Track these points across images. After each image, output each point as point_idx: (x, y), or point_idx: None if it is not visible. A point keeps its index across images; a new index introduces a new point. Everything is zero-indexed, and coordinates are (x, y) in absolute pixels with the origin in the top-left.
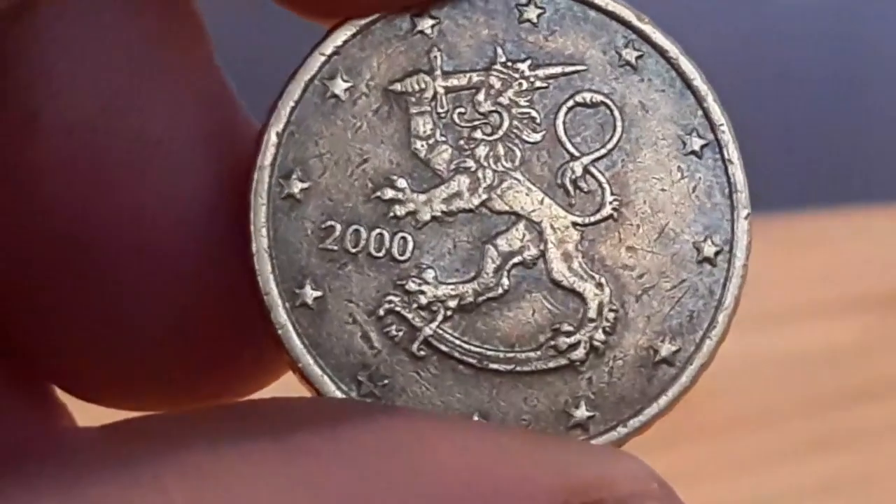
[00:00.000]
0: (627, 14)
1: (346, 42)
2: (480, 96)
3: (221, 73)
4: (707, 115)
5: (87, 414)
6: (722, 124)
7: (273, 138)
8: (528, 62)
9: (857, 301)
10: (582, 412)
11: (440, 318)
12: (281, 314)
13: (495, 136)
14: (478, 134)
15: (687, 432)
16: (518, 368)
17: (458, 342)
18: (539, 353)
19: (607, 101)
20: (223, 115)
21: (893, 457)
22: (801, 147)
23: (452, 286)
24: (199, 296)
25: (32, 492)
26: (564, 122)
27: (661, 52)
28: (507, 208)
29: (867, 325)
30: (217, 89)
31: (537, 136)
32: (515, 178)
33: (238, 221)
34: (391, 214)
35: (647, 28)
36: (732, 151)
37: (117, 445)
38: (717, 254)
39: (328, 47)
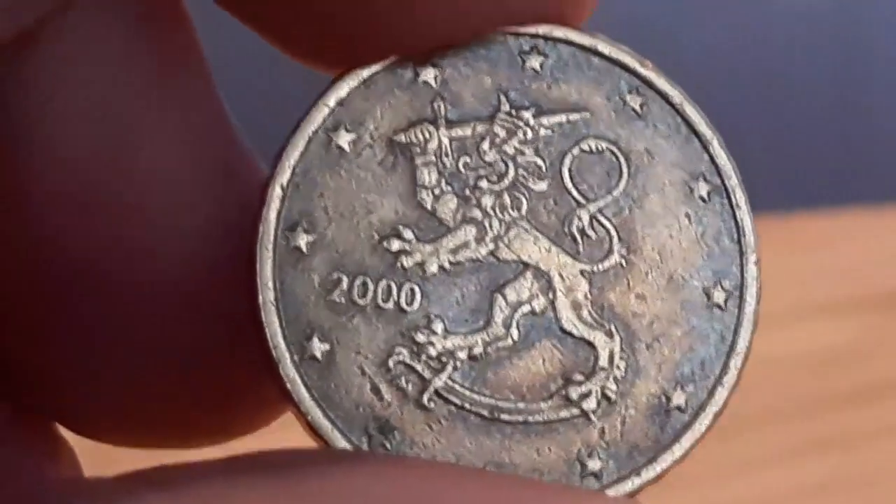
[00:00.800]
0: (630, 61)
1: (349, 93)
2: (485, 145)
3: (223, 106)
4: (713, 160)
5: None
6: (728, 169)
7: (278, 191)
8: (533, 110)
9: (856, 301)
10: (595, 462)
11: (450, 369)
12: (289, 367)
13: (501, 186)
14: (483, 183)
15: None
16: (529, 419)
17: (468, 393)
18: (550, 403)
19: (613, 148)
20: (223, 150)
21: (893, 457)
22: (802, 147)
23: (462, 337)
24: (199, 331)
25: None
26: (570, 170)
27: (665, 98)
28: (514, 257)
29: (867, 326)
30: (218, 124)
31: (543, 185)
32: (522, 227)
33: (244, 274)
34: (398, 265)
35: (651, 74)
36: (739, 196)
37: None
38: (727, 300)
39: (331, 98)
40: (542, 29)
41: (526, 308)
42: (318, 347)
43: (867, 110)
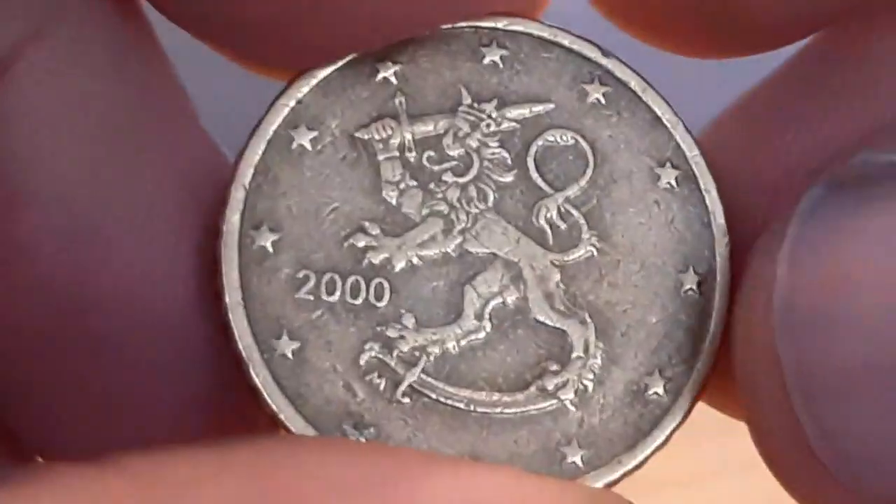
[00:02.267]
0: (591, 50)
1: (308, 91)
2: (448, 139)
3: (207, 135)
4: (679, 145)
5: None
6: (695, 154)
7: (240, 191)
8: (495, 102)
9: None
10: (575, 451)
11: (423, 363)
12: (259, 366)
13: (466, 178)
14: (448, 177)
15: (687, 433)
16: (506, 411)
17: (443, 387)
18: (527, 393)
19: (577, 138)
20: (211, 179)
21: None
22: None
23: (433, 331)
24: (195, 367)
25: None
26: (536, 161)
27: (627, 86)
28: (483, 249)
29: None
30: (203, 153)
31: (509, 176)
32: (490, 219)
33: (211, 276)
34: (366, 261)
35: (612, 63)
36: (707, 181)
37: None
38: (700, 284)
39: (290, 98)
40: (501, 22)
41: (498, 300)
42: (288, 345)
43: None
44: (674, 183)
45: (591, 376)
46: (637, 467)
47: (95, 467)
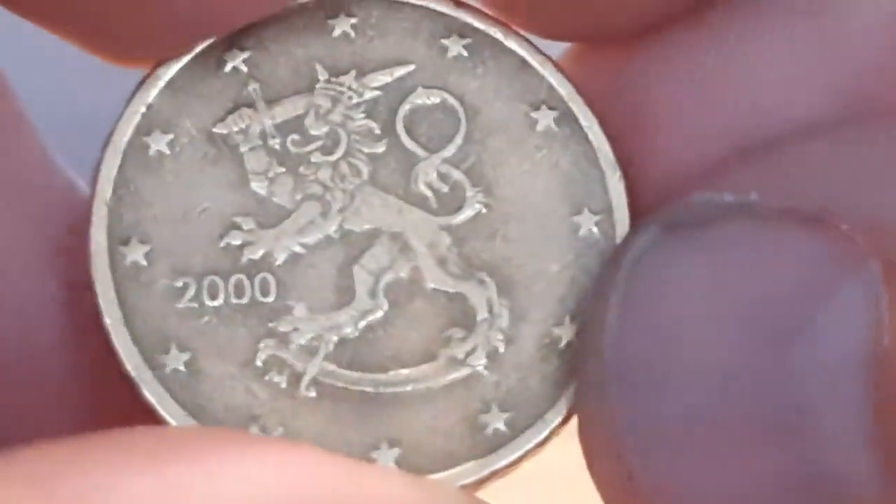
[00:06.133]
0: (444, 5)
1: (157, 94)
2: (310, 119)
3: (49, 155)
4: (552, 86)
5: None
6: (570, 91)
7: (102, 208)
8: (353, 73)
9: None
10: (496, 415)
11: (322, 353)
12: (151, 384)
13: (336, 156)
14: (317, 157)
15: None
16: (418, 386)
17: (347, 373)
18: (435, 365)
19: (444, 95)
20: (62, 203)
21: None
22: None
23: (327, 317)
24: (81, 397)
25: None
26: (406, 126)
27: (488, 35)
28: (366, 226)
29: None
30: (48, 175)
31: (381, 146)
32: (367, 193)
33: (87, 298)
34: (245, 259)
35: (468, 13)
36: (587, 116)
37: None
38: (598, 223)
39: (139, 104)
40: None
41: (389, 275)
42: (179, 358)
43: None
44: (552, 125)
45: (500, 336)
46: (563, 423)
47: None
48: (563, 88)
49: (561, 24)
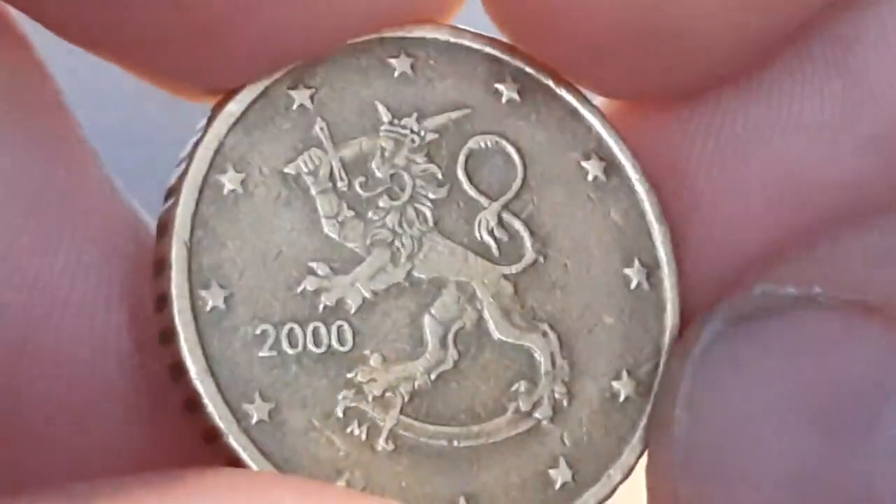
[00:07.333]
0: (497, 48)
1: (228, 131)
2: (376, 161)
3: (118, 192)
4: (601, 136)
5: None
6: (618, 142)
7: (182, 248)
8: (415, 115)
9: None
10: (564, 471)
11: (399, 404)
12: (238, 435)
13: (402, 200)
14: (384, 202)
15: None
16: (490, 440)
17: (423, 426)
18: (506, 418)
19: (502, 141)
20: (130, 238)
21: None
22: None
23: (401, 367)
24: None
25: None
26: (466, 171)
27: (539, 81)
28: (433, 273)
29: None
30: (117, 212)
31: (443, 191)
32: (434, 241)
33: (164, 344)
34: (321, 305)
35: (519, 60)
36: (635, 167)
37: None
38: (648, 276)
39: (212, 141)
40: (404, 31)
41: (458, 324)
42: (263, 408)
43: None
44: (602, 174)
45: (563, 390)
46: (625, 477)
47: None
48: (612, 139)
49: (611, 82)
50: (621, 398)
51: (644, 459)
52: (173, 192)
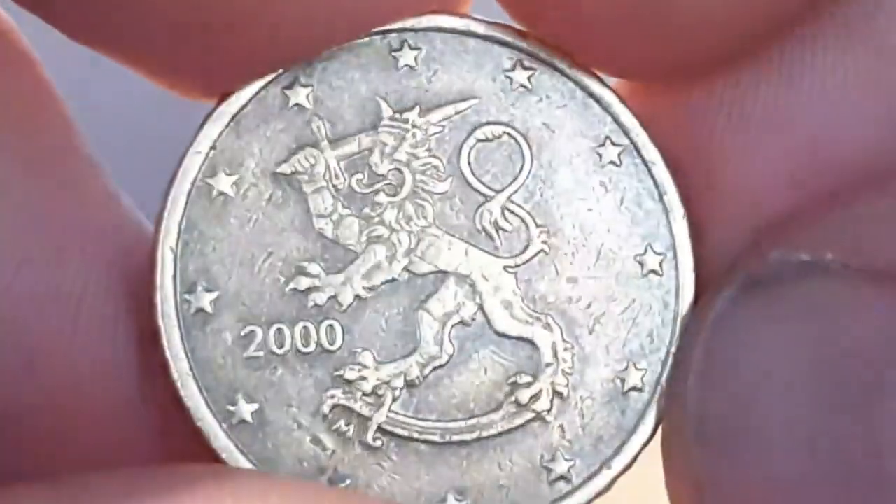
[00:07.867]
0: (508, 34)
1: (220, 133)
2: (375, 157)
3: (121, 200)
4: (616, 119)
5: None
6: (634, 125)
7: (168, 253)
8: (417, 109)
9: None
10: (561, 464)
11: (389, 400)
12: (220, 437)
13: (401, 196)
14: (381, 197)
15: None
16: (484, 434)
17: (414, 422)
18: (502, 412)
19: (509, 131)
20: (133, 245)
21: None
22: None
23: (394, 364)
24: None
25: None
26: (470, 164)
27: (553, 66)
28: (431, 268)
29: None
30: (113, 213)
31: (445, 185)
32: (433, 235)
33: (152, 347)
34: (311, 304)
35: (532, 45)
36: (652, 151)
37: None
38: (661, 263)
39: (203, 143)
40: (408, 22)
41: (455, 319)
42: (247, 409)
43: None
44: (616, 159)
45: (564, 382)
46: (625, 469)
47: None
48: (628, 123)
49: (627, 62)
50: (626, 389)
51: (643, 455)
52: (164, 196)
